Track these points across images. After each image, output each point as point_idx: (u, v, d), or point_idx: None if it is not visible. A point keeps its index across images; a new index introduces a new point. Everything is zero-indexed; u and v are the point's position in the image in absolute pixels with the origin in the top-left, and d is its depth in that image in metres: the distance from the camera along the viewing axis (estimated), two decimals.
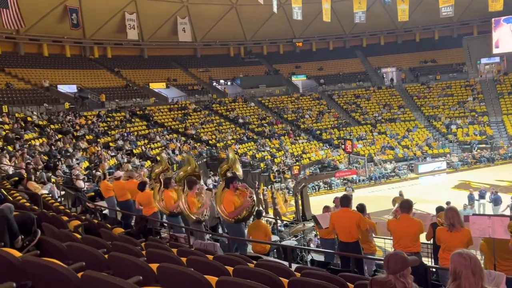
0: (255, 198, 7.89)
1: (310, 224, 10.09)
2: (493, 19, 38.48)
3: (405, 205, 5.89)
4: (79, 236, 5.16)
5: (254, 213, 8.35)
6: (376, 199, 20.36)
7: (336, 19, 41.85)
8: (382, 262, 3.12)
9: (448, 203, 12.88)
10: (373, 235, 7.19)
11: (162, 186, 8.58)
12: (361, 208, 7.22)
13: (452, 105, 36.24)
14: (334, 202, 9.44)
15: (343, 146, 27.65)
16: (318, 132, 33.34)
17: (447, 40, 44.57)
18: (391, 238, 6.39)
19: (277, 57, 45.27)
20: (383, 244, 8.60)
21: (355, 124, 35.08)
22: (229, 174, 7.91)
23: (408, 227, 5.75)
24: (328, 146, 31.69)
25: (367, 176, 24.36)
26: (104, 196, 10.67)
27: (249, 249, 8.01)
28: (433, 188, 23.73)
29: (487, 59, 40.23)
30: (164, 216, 9.24)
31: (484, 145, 31.15)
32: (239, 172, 7.87)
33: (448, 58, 42.56)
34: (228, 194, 7.42)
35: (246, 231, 8.20)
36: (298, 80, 42.43)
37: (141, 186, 8.87)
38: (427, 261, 6.66)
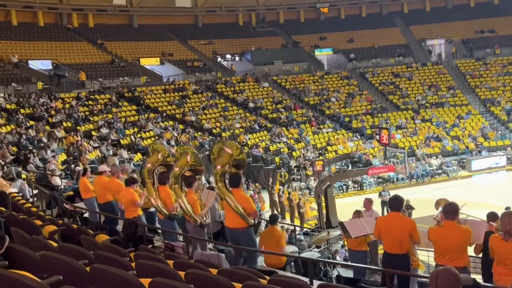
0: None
1: (336, 232, 10.08)
2: None
3: (449, 210, 5.82)
4: (55, 244, 5.22)
5: (268, 219, 8.36)
6: (418, 202, 20.20)
7: None
8: (427, 280, 3.10)
9: (507, 208, 12.73)
10: (416, 247, 7.16)
11: (156, 182, 8.63)
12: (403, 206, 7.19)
13: None
14: (364, 205, 9.40)
15: (377, 136, 27.41)
16: (347, 119, 33.15)
17: (510, 5, 43.76)
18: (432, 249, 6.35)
19: (296, 26, 44.98)
20: (427, 258, 8.56)
21: (393, 110, 34.75)
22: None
23: (454, 237, 5.69)
24: (359, 137, 31.50)
25: (407, 174, 24.12)
26: (82, 196, 10.77)
27: (261, 261, 8.04)
28: (489, 189, 23.50)
29: None
30: (157, 221, 9.32)
31: None
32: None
33: (511, 28, 41.83)
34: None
35: (256, 240, 8.23)
36: (323, 54, 42.14)
37: (128, 181, 8.93)
38: (478, 279, 6.63)
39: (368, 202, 9.35)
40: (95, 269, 3.69)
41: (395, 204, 6.48)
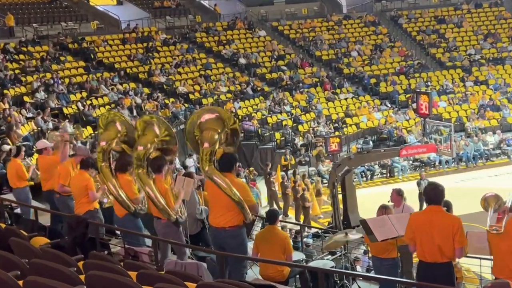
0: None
1: (357, 234, 10.15)
2: None
3: None
4: None
5: (265, 216, 8.40)
6: (467, 193, 20.35)
7: None
8: None
9: None
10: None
11: (114, 168, 8.60)
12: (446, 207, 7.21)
13: None
14: (391, 198, 9.43)
15: (414, 105, 27.37)
16: (372, 81, 33.09)
17: None
18: (490, 257, 6.39)
19: None
20: (478, 268, 8.66)
21: (436, 68, 34.67)
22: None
23: None
24: (389, 105, 31.50)
25: (453, 156, 24.19)
26: (12, 185, 10.74)
27: (256, 272, 8.11)
28: None
29: None
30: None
31: None
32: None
33: None
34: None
35: (249, 244, 8.28)
36: None
37: (85, 163, 8.92)
38: None
39: (396, 195, 9.33)
40: (31, 282, 3.71)
41: (435, 195, 6.42)
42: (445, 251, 6.23)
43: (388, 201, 9.51)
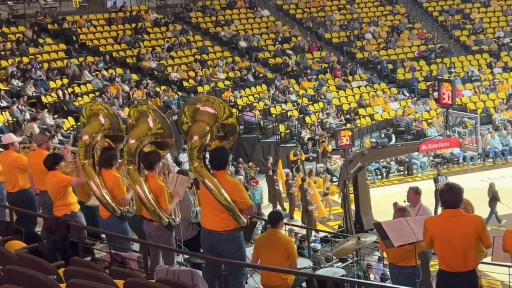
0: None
1: (371, 238, 10.16)
2: None
3: None
4: None
5: (268, 218, 8.38)
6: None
7: None
8: None
9: None
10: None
11: (98, 163, 8.57)
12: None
13: None
14: (408, 198, 9.45)
15: (435, 94, 27.34)
16: (390, 66, 33.07)
17: None
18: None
19: None
20: (507, 277, 8.67)
21: (460, 52, 34.62)
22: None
23: None
24: (407, 94, 31.45)
25: (479, 151, 24.15)
26: None
27: (257, 280, 8.12)
28: None
29: None
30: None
31: None
32: None
33: None
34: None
35: (249, 250, 8.29)
36: None
37: (51, 160, 8.88)
38: None
39: (414, 193, 9.32)
40: None
41: (451, 198, 6.37)
42: (469, 257, 6.18)
43: (404, 201, 9.51)
